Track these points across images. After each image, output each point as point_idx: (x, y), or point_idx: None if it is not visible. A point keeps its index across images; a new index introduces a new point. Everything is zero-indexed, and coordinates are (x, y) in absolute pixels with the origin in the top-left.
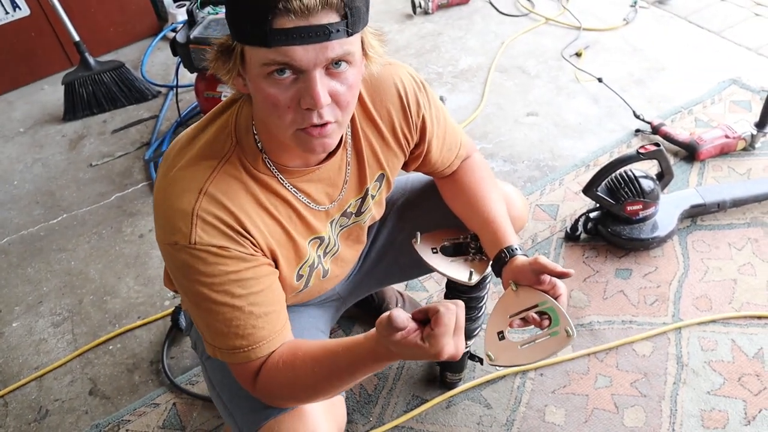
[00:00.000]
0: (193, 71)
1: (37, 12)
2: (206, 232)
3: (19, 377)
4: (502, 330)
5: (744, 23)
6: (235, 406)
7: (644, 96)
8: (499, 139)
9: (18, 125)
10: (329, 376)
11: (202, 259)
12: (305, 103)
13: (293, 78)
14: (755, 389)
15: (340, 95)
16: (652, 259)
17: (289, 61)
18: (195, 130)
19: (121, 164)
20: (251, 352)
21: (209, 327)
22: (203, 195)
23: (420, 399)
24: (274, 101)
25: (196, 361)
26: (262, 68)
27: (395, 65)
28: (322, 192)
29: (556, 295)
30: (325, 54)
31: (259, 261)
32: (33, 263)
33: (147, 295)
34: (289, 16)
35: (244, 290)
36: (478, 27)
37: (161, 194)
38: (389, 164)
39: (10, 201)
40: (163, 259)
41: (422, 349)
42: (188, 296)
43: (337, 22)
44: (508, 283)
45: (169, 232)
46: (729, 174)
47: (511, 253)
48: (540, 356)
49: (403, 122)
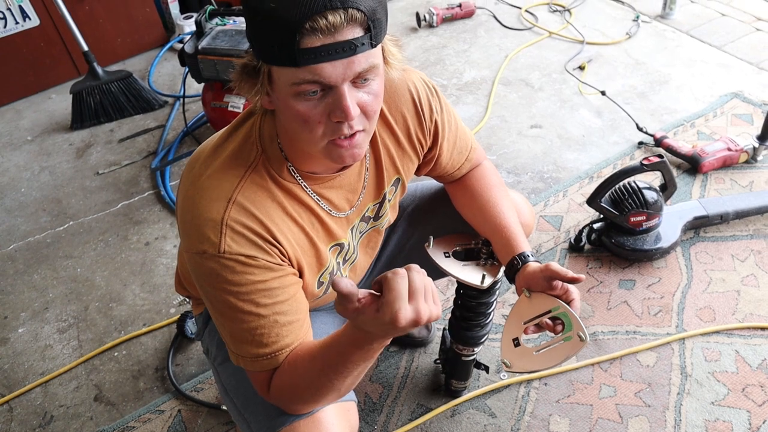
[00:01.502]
0: (201, 81)
1: (46, 22)
2: (235, 242)
3: (25, 383)
4: (517, 337)
5: (745, 38)
6: (250, 412)
7: (647, 109)
8: (503, 151)
9: (26, 133)
10: (325, 370)
11: (230, 268)
12: (336, 117)
13: (322, 93)
14: (759, 400)
15: (367, 105)
16: (655, 270)
17: (318, 78)
18: (219, 139)
19: (128, 173)
20: (273, 360)
21: (233, 335)
22: (232, 204)
23: (425, 407)
24: (304, 117)
25: (201, 368)
26: (292, 87)
27: (408, 71)
28: (342, 198)
29: (569, 299)
30: (352, 68)
31: (286, 271)
32: (39, 270)
33: (153, 303)
34: (316, 35)
35: (270, 300)
36: (482, 40)
37: (189, 203)
38: (405, 168)
39: (17, 208)
40: (188, 266)
41: (378, 319)
42: (213, 304)
43: (362, 36)
44: (522, 290)
45: (197, 241)
46: (731, 186)
47: (523, 259)
48: (555, 361)
49: (417, 127)
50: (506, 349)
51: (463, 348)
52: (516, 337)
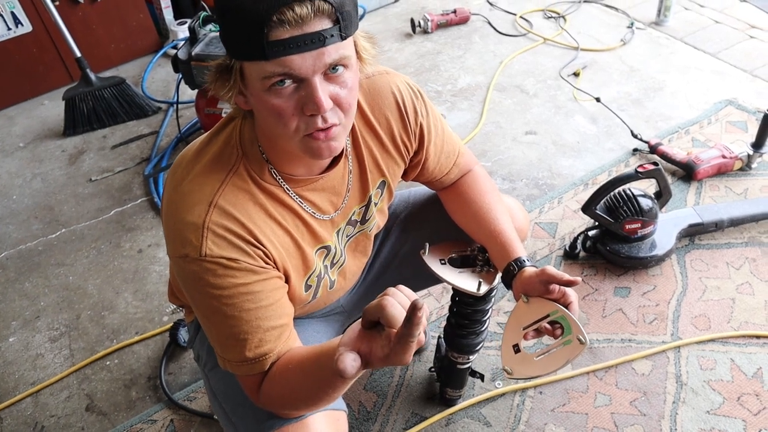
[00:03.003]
0: (194, 88)
1: (39, 28)
2: (216, 245)
3: (15, 393)
4: (517, 343)
5: (739, 45)
6: (238, 417)
7: (641, 116)
8: (498, 157)
9: (18, 140)
10: (314, 387)
11: (211, 271)
12: (309, 110)
13: (294, 87)
14: (755, 409)
15: (341, 98)
16: (650, 277)
17: (288, 70)
18: (200, 144)
19: (121, 179)
20: (259, 365)
21: (218, 339)
22: (213, 207)
23: (419, 416)
24: (278, 111)
25: (194, 377)
26: (263, 81)
27: (392, 74)
28: (326, 201)
29: (567, 302)
30: (322, 60)
31: (270, 274)
32: (31, 278)
33: (145, 311)
34: (283, 26)
35: (253, 304)
36: (477, 46)
37: (171, 208)
38: (390, 171)
39: (8, 215)
40: (174, 271)
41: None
42: (198, 308)
43: (331, 27)
44: (519, 295)
45: (179, 245)
46: (726, 194)
47: (520, 265)
48: (555, 366)
49: (401, 130)
50: (507, 356)
51: (459, 356)
52: (516, 344)
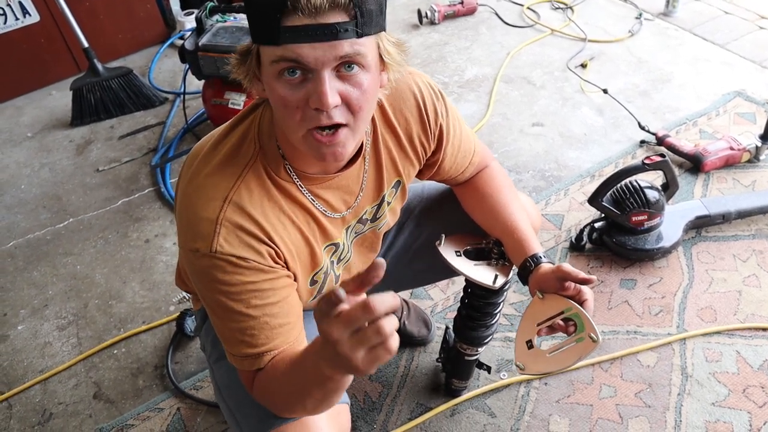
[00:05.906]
0: (201, 78)
1: (46, 18)
2: (228, 242)
3: (24, 380)
4: (531, 339)
5: (748, 36)
6: (241, 413)
7: (649, 107)
8: (505, 149)
9: (26, 130)
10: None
11: (221, 268)
12: (313, 102)
13: (303, 78)
14: (760, 401)
15: (352, 98)
16: (656, 269)
17: (296, 58)
18: (219, 135)
19: (128, 170)
20: (260, 361)
21: (224, 333)
22: (228, 203)
23: (424, 407)
24: (284, 101)
25: (200, 366)
26: (273, 66)
27: (414, 74)
28: (339, 199)
29: (582, 300)
30: (333, 53)
31: (278, 273)
32: (39, 267)
33: (152, 300)
34: (297, 14)
35: (261, 301)
36: (484, 37)
37: (187, 200)
38: (405, 171)
39: (17, 205)
40: (184, 262)
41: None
42: (206, 301)
43: (346, 21)
44: (535, 291)
45: (191, 239)
46: (734, 186)
47: (536, 261)
48: (567, 363)
49: (420, 131)
50: (520, 351)
51: (467, 347)
52: (529, 339)
